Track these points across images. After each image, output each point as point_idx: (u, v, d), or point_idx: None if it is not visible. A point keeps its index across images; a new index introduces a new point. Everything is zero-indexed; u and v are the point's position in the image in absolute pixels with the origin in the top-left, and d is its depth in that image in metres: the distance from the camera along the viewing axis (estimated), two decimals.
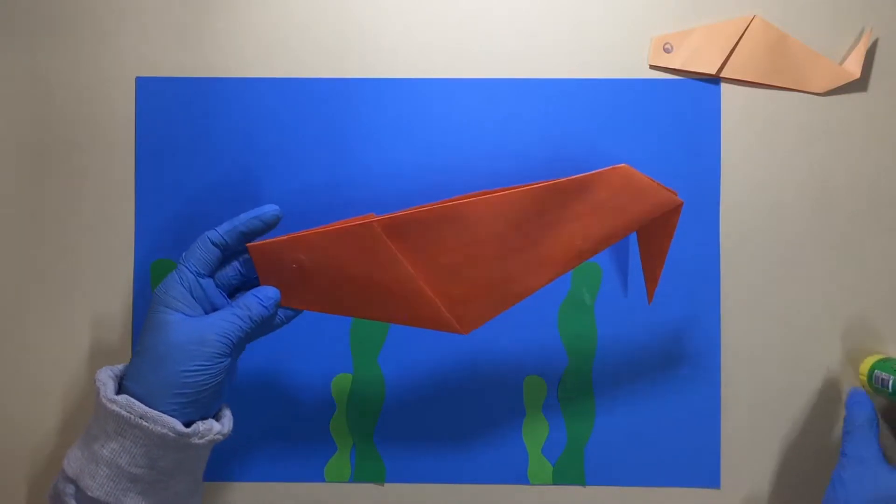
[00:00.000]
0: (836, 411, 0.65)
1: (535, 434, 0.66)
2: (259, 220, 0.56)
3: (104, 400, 0.51)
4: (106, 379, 0.53)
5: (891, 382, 0.60)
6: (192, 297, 0.54)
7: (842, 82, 0.65)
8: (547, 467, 0.66)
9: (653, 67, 0.66)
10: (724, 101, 0.66)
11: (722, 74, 0.65)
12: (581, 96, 0.66)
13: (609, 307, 0.66)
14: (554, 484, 0.66)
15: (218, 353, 0.53)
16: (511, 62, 0.66)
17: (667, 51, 0.65)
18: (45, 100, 0.66)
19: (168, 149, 0.66)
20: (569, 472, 0.66)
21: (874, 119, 0.65)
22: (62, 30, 0.66)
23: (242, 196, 0.66)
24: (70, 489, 0.52)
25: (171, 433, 0.51)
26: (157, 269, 0.66)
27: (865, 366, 0.64)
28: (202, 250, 0.55)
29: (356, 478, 0.66)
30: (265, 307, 0.55)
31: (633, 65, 0.66)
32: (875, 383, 0.62)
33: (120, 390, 0.53)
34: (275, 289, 0.56)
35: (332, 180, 0.66)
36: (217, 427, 0.55)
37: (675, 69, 0.66)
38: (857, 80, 0.65)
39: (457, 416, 0.66)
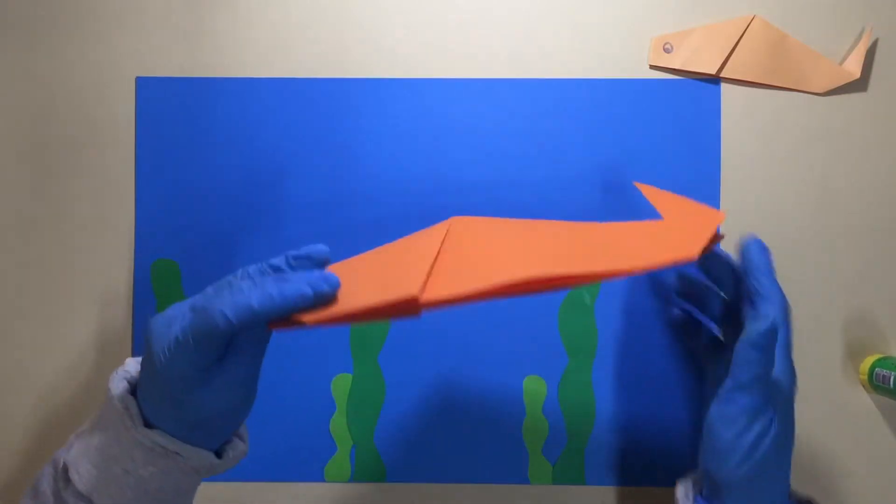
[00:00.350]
0: (837, 411, 0.65)
1: (535, 434, 0.66)
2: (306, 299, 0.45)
3: (135, 433, 0.48)
4: (127, 399, 0.49)
5: (892, 379, 0.61)
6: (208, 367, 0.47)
7: (842, 82, 0.65)
8: (547, 467, 0.66)
9: (653, 67, 0.66)
10: (724, 101, 0.66)
11: (722, 74, 0.65)
12: (581, 96, 0.66)
13: (609, 307, 0.66)
14: (554, 484, 0.66)
15: (252, 399, 0.50)
16: (511, 62, 0.66)
17: (667, 51, 0.65)
18: (45, 100, 0.66)
19: (168, 149, 0.66)
20: (569, 472, 0.66)
21: (874, 119, 0.65)
22: (62, 30, 0.66)
23: (243, 196, 0.66)
24: None
25: (205, 465, 0.50)
26: (157, 269, 0.66)
27: (866, 365, 0.64)
28: (211, 336, 0.45)
29: (356, 478, 0.66)
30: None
31: (633, 65, 0.66)
32: (876, 381, 0.62)
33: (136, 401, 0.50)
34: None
35: (331, 180, 0.66)
36: (241, 447, 0.53)
37: (675, 69, 0.66)
38: (857, 80, 0.65)
39: (457, 416, 0.66)
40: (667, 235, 0.50)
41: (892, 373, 0.61)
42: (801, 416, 0.65)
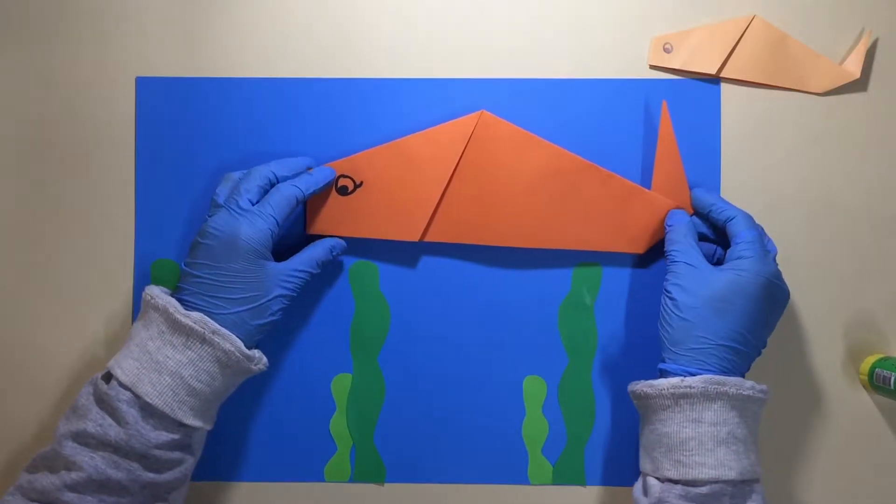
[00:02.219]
0: (837, 411, 0.65)
1: (535, 434, 0.66)
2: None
3: (178, 315, 0.56)
4: (166, 297, 0.57)
5: (892, 380, 0.61)
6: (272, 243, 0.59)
7: (842, 82, 0.65)
8: (547, 467, 0.66)
9: (653, 67, 0.66)
10: (723, 101, 0.66)
11: (722, 74, 0.65)
12: (581, 96, 0.66)
13: (609, 307, 0.66)
14: (554, 484, 0.66)
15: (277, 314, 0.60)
16: (511, 62, 0.66)
17: (667, 51, 0.65)
18: (45, 100, 0.66)
19: (168, 149, 0.66)
20: (568, 472, 0.66)
21: (874, 119, 0.65)
22: (62, 30, 0.66)
23: None
24: (125, 395, 0.54)
25: (237, 352, 0.56)
26: (157, 269, 0.66)
27: (866, 365, 0.64)
28: (287, 206, 0.59)
29: (356, 478, 0.66)
30: (332, 253, 0.63)
31: (633, 65, 0.66)
32: (876, 381, 0.62)
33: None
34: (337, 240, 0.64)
35: None
36: (265, 359, 0.60)
37: (675, 69, 0.66)
38: (857, 80, 0.65)
39: (457, 416, 0.66)
40: (633, 220, 0.64)
41: (893, 373, 0.61)
42: (801, 415, 0.66)
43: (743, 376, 0.57)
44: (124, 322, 0.66)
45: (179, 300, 0.57)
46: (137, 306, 0.65)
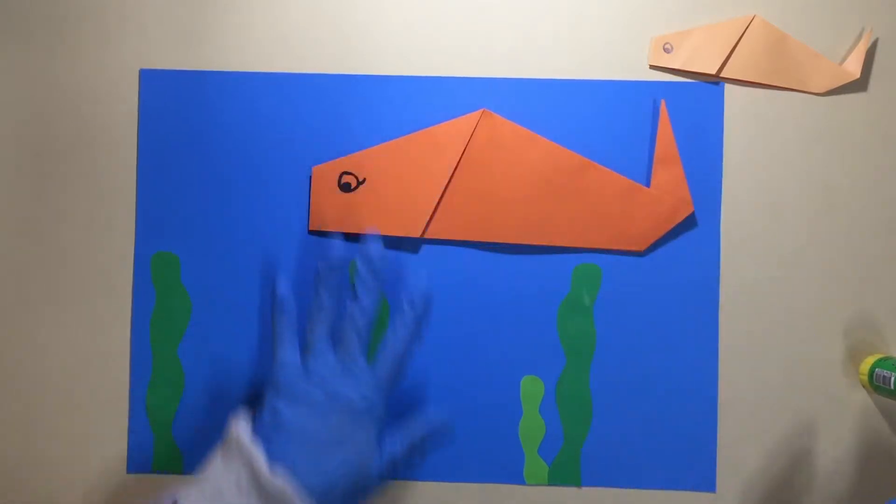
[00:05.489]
0: (837, 412, 0.65)
1: (532, 434, 0.65)
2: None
3: (265, 480, 0.51)
4: (257, 451, 0.53)
5: (892, 380, 0.60)
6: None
7: (842, 82, 0.65)
8: (543, 467, 0.65)
9: (653, 67, 0.66)
10: (724, 102, 0.66)
11: (722, 74, 0.65)
12: (581, 96, 0.66)
13: (608, 308, 0.65)
14: (549, 484, 0.65)
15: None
16: (511, 62, 0.66)
17: (667, 51, 0.66)
18: (47, 93, 0.67)
19: (170, 141, 0.67)
20: (564, 473, 0.65)
21: (874, 119, 0.65)
22: (65, 23, 0.67)
23: (244, 190, 0.66)
24: None
25: None
26: (157, 262, 0.66)
27: (866, 365, 0.63)
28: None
29: None
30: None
31: (633, 65, 0.66)
32: (876, 381, 0.62)
33: None
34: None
35: None
36: None
37: (675, 69, 0.66)
38: (857, 80, 0.65)
39: (454, 415, 0.65)
40: (633, 218, 0.65)
41: (893, 373, 0.60)
42: (801, 415, 0.65)
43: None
44: (125, 321, 0.66)
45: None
46: (138, 303, 0.66)
